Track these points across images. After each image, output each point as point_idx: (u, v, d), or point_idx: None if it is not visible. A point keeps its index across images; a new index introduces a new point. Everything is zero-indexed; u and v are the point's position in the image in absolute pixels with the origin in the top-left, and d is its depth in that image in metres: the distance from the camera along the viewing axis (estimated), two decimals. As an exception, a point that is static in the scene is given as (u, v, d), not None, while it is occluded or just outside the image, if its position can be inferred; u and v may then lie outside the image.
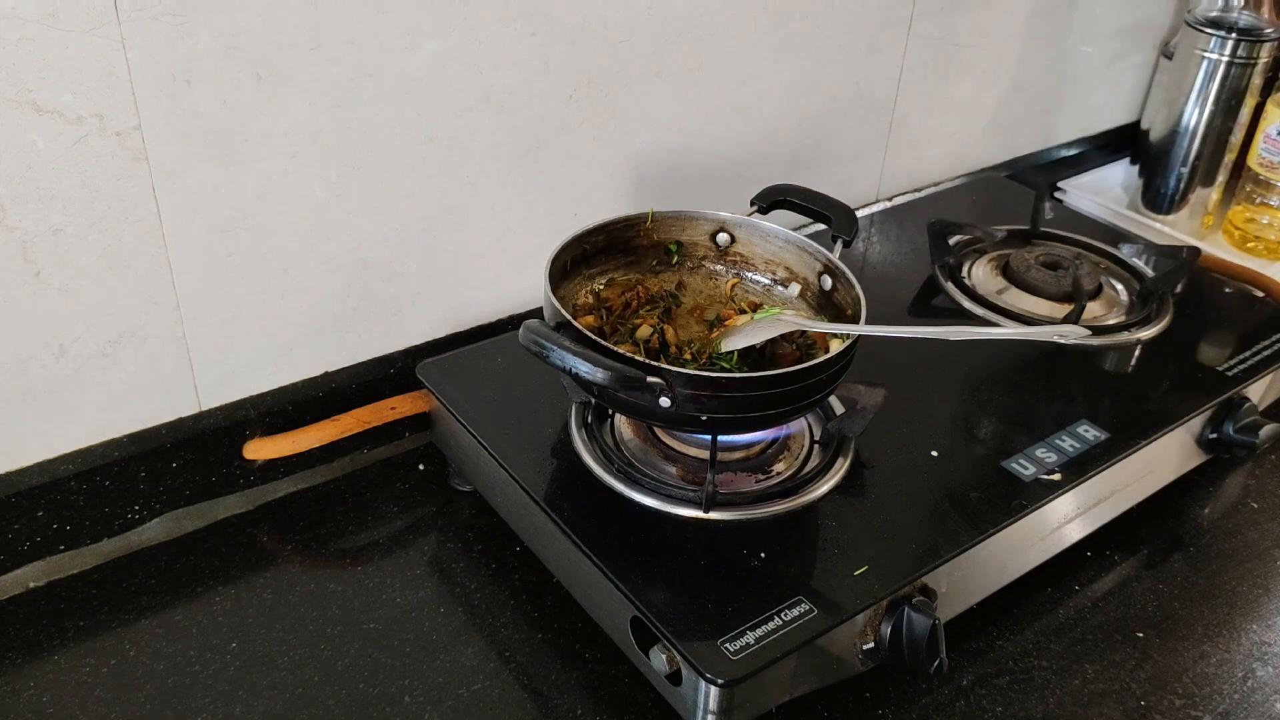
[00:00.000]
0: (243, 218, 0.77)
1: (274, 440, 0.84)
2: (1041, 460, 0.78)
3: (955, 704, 0.71)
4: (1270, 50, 1.20)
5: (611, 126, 0.94)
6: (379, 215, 0.84)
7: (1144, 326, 0.96)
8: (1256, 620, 0.78)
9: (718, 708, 0.62)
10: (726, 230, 0.86)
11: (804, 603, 0.65)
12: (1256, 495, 0.91)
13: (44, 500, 0.77)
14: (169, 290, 0.76)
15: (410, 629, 0.74)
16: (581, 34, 0.87)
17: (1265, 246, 1.22)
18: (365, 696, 0.69)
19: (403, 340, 0.91)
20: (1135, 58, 1.40)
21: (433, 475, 0.88)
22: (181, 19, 0.68)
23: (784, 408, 0.70)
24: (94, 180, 0.70)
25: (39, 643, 0.72)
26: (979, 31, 1.19)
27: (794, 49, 1.03)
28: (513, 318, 0.96)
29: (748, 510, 0.72)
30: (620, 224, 0.83)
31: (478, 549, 0.81)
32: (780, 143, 1.08)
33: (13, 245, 0.69)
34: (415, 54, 0.79)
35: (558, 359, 0.64)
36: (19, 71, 0.64)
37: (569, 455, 0.76)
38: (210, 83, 0.71)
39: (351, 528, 0.83)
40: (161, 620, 0.74)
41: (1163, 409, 0.85)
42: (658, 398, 0.66)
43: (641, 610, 0.65)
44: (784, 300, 0.84)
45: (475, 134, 0.86)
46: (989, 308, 0.98)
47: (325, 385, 0.88)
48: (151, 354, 0.78)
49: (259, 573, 0.78)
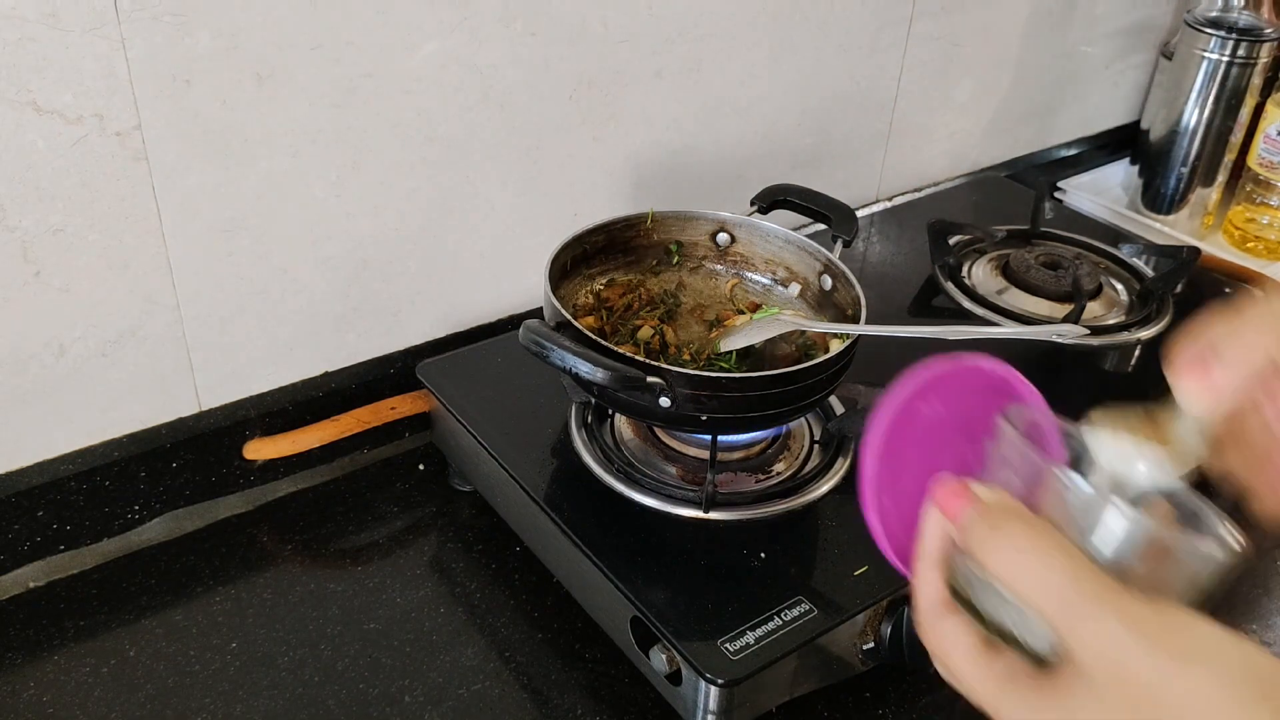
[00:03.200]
0: (243, 218, 0.77)
1: (274, 440, 0.84)
2: (1041, 460, 0.78)
3: (955, 704, 0.71)
4: (1270, 50, 1.20)
5: (611, 126, 0.94)
6: (379, 215, 0.84)
7: (1144, 326, 0.96)
8: (1256, 620, 0.78)
9: (718, 708, 0.62)
10: (726, 230, 0.86)
11: (804, 603, 0.65)
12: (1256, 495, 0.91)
13: (44, 500, 0.77)
14: (169, 290, 0.76)
15: (410, 629, 0.74)
16: (581, 34, 0.87)
17: (1265, 246, 1.22)
18: (365, 696, 0.69)
19: (403, 340, 0.91)
20: (1135, 58, 1.40)
21: (433, 475, 0.88)
22: (181, 19, 0.68)
23: (784, 408, 0.70)
24: (94, 180, 0.70)
25: (39, 643, 0.72)
26: (979, 31, 1.19)
27: (794, 49, 1.03)
28: (513, 318, 0.96)
29: (748, 510, 0.72)
30: (620, 224, 0.83)
31: (478, 549, 0.81)
32: (780, 143, 1.08)
33: (13, 245, 0.69)
34: (415, 54, 0.79)
35: (558, 359, 0.64)
36: (19, 71, 0.64)
37: (569, 455, 0.76)
38: (210, 83, 0.71)
39: (351, 528, 0.83)
40: (161, 620, 0.74)
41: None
42: (658, 398, 0.66)
43: (641, 610, 0.65)
44: (784, 300, 0.84)
45: (475, 134, 0.86)
46: (989, 308, 0.98)
47: (325, 385, 0.88)
48: (151, 354, 0.78)
49: (259, 573, 0.78)
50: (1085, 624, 0.37)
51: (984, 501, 0.42)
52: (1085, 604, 0.38)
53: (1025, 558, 0.39)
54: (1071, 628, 0.38)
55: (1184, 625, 0.37)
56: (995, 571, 0.40)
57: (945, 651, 0.44)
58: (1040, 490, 0.42)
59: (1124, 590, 0.38)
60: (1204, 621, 0.37)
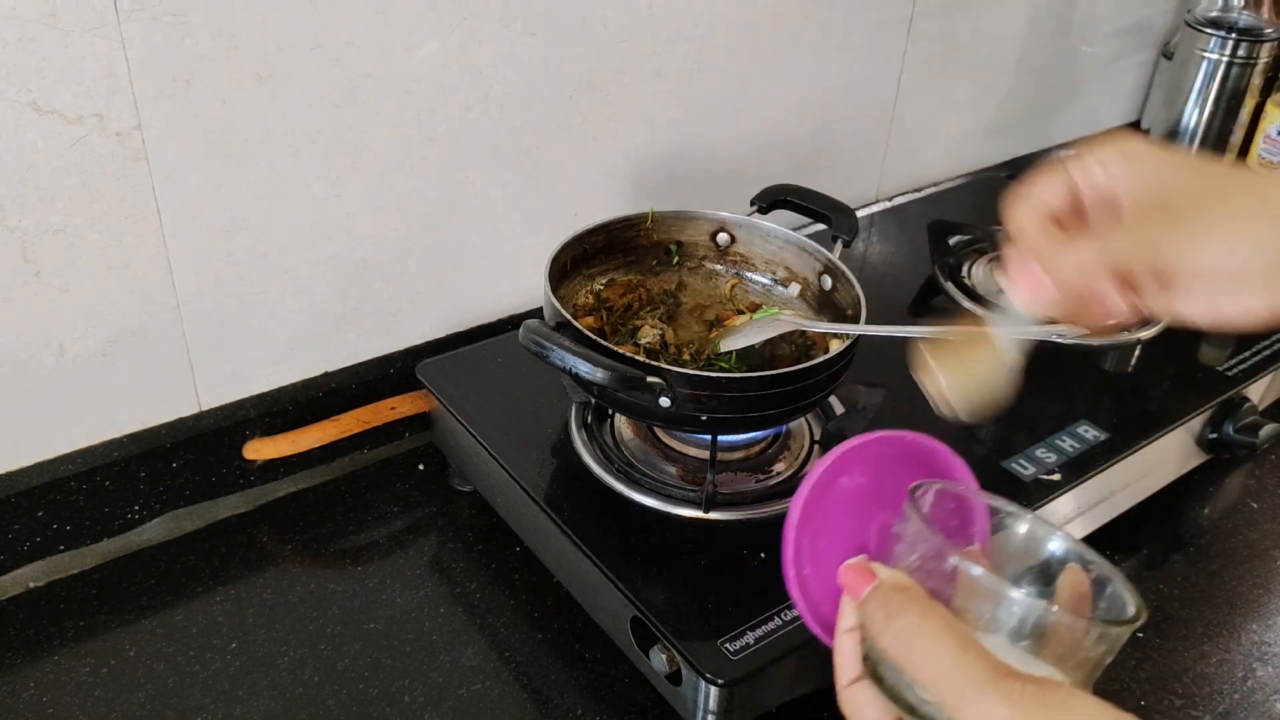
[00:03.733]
0: (243, 218, 0.77)
1: (274, 440, 0.84)
2: (1041, 460, 0.78)
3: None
4: (1270, 50, 1.20)
5: (611, 126, 0.94)
6: (379, 215, 0.84)
7: (1144, 326, 0.96)
8: (1256, 620, 0.78)
9: (718, 708, 0.62)
10: (726, 230, 0.86)
11: (804, 603, 0.65)
12: (1256, 495, 0.91)
13: (44, 500, 0.77)
14: (169, 290, 0.76)
15: (410, 629, 0.74)
16: (581, 34, 0.87)
17: (1265, 246, 1.22)
18: (365, 696, 0.69)
19: (403, 340, 0.91)
20: (1135, 58, 1.40)
21: (433, 475, 0.88)
22: (181, 19, 0.68)
23: (784, 408, 0.70)
24: (94, 180, 0.70)
25: (39, 643, 0.72)
26: (979, 31, 1.19)
27: (794, 49, 1.03)
28: (513, 318, 0.96)
29: (748, 510, 0.72)
30: (620, 224, 0.83)
31: (478, 549, 0.81)
32: (780, 143, 1.08)
33: (13, 245, 0.69)
34: (415, 54, 0.79)
35: (558, 359, 0.64)
36: (19, 71, 0.64)
37: (569, 455, 0.76)
38: (210, 83, 0.71)
39: (351, 528, 0.83)
40: (161, 620, 0.74)
41: (1162, 409, 0.85)
42: (658, 398, 0.66)
43: (641, 610, 0.65)
44: (784, 300, 0.84)
45: (475, 134, 0.86)
46: (989, 308, 0.98)
47: (325, 385, 0.88)
48: (151, 354, 0.78)
49: (259, 573, 0.78)
50: (969, 705, 0.40)
51: (882, 582, 0.45)
52: (969, 685, 0.40)
53: (915, 639, 0.42)
54: (957, 708, 0.40)
55: (1063, 703, 0.39)
56: (888, 651, 0.43)
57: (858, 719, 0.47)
58: (942, 569, 0.45)
59: (1008, 671, 0.40)
60: (1086, 698, 0.39)
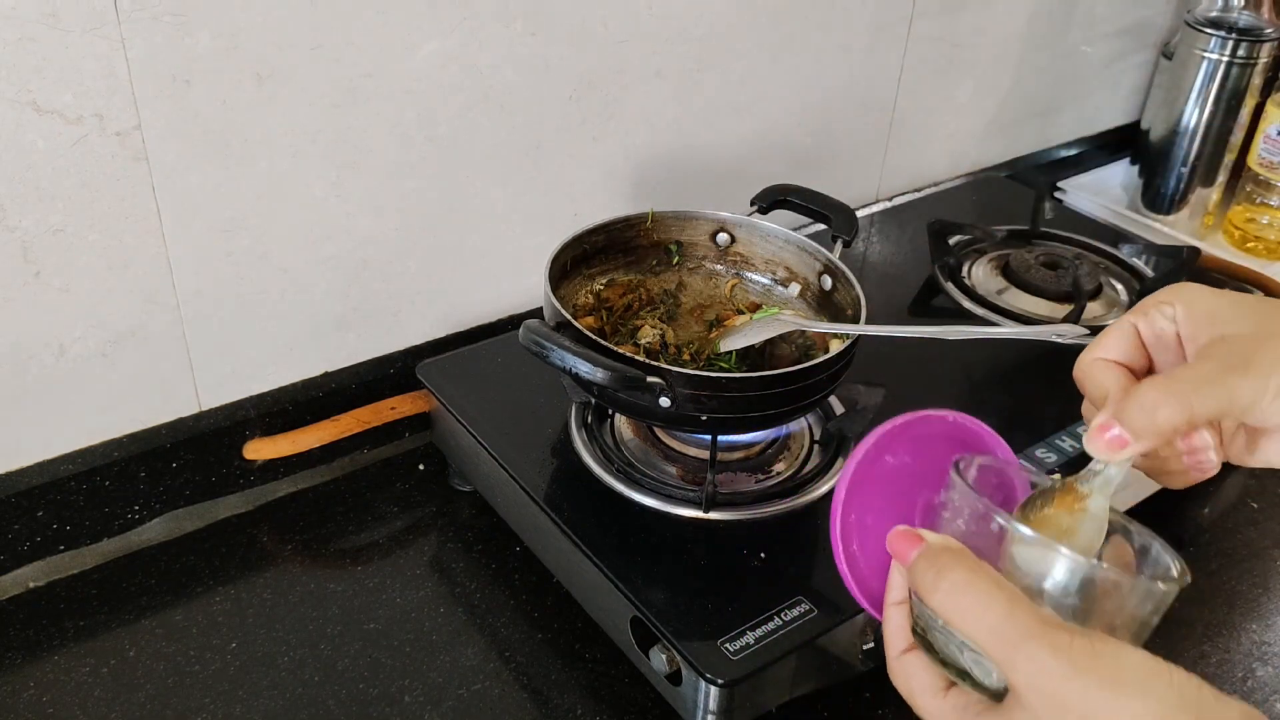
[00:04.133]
0: (243, 217, 0.77)
1: (274, 440, 0.84)
2: (1041, 460, 0.78)
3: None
4: (1270, 50, 1.20)
5: (611, 126, 0.94)
6: (379, 215, 0.84)
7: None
8: (1256, 620, 0.78)
9: (718, 708, 0.62)
10: (726, 230, 0.86)
11: (804, 603, 0.65)
12: (1256, 495, 0.91)
13: (44, 500, 0.77)
14: (169, 290, 0.76)
15: (410, 629, 0.74)
16: (581, 34, 0.87)
17: (1265, 246, 1.22)
18: (365, 696, 0.69)
19: (403, 340, 0.91)
20: (1135, 58, 1.40)
21: (433, 475, 0.88)
22: (181, 19, 0.68)
23: (784, 408, 0.70)
24: (94, 180, 0.70)
25: (39, 643, 0.72)
26: (979, 31, 1.19)
27: (794, 49, 1.03)
28: (513, 318, 0.96)
29: (748, 510, 0.72)
30: (620, 224, 0.83)
31: (478, 549, 0.81)
32: (780, 143, 1.08)
33: (13, 245, 0.69)
34: (415, 54, 0.79)
35: (558, 359, 0.64)
36: (19, 71, 0.64)
37: (569, 455, 0.76)
38: (210, 83, 0.71)
39: (351, 528, 0.83)
40: (161, 620, 0.74)
41: (1163, 409, 0.85)
42: (658, 398, 0.66)
43: (641, 610, 0.65)
44: (784, 300, 0.84)
45: (475, 134, 0.86)
46: (989, 308, 0.98)
47: (325, 385, 0.88)
48: (151, 354, 0.78)
49: (259, 573, 0.78)
50: (1020, 657, 0.40)
51: (930, 545, 0.45)
52: (1019, 638, 0.40)
53: (964, 597, 0.43)
54: (1008, 660, 0.41)
55: (1114, 655, 0.39)
56: (938, 610, 0.44)
57: (908, 689, 0.48)
58: (989, 534, 0.46)
59: (1058, 624, 0.40)
60: (1135, 651, 0.40)
